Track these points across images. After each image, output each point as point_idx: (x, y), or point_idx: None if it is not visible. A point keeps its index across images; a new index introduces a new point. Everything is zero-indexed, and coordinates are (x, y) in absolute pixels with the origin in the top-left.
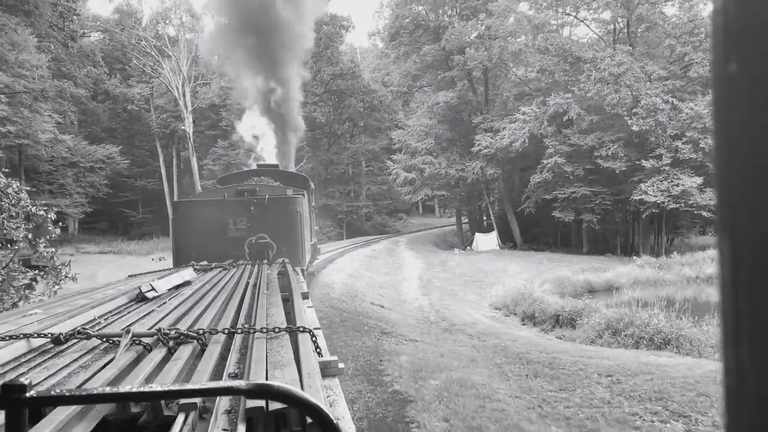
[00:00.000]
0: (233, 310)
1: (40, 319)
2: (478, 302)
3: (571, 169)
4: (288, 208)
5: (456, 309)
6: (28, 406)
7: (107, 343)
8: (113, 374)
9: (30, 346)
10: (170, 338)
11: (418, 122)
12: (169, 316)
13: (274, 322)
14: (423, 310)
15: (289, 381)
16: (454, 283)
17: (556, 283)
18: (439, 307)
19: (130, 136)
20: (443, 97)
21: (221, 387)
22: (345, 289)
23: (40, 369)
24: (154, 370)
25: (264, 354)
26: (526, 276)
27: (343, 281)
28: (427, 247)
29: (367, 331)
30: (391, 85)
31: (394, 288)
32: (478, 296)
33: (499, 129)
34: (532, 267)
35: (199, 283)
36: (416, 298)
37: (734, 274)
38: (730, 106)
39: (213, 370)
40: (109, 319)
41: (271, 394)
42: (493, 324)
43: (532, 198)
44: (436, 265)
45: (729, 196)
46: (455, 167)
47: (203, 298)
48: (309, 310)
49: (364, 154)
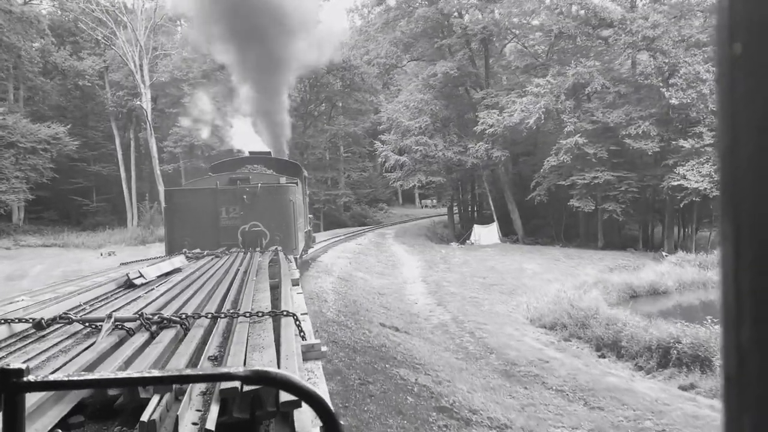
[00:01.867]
0: (220, 296)
1: (25, 305)
2: (510, 314)
3: (594, 150)
4: (281, 196)
5: (492, 329)
6: (27, 391)
7: (89, 328)
8: (92, 358)
9: (12, 331)
10: (153, 323)
11: (412, 97)
12: (155, 302)
13: (259, 307)
14: (449, 331)
15: (266, 363)
16: (468, 286)
17: (603, 289)
18: (469, 326)
19: (83, 116)
20: (441, 67)
21: (218, 373)
22: (341, 302)
23: (20, 353)
24: (134, 354)
25: (245, 337)
26: (549, 276)
27: (336, 288)
28: (419, 241)
29: (411, 404)
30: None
31: (398, 294)
32: (508, 306)
33: (506, 105)
34: (551, 265)
35: (189, 270)
36: (431, 311)
37: (736, 255)
38: (734, 87)
39: (193, 353)
40: (95, 305)
41: (269, 380)
42: (567, 360)
43: (543, 184)
44: (438, 262)
45: (731, 176)
46: (453, 149)
47: (192, 284)
48: (298, 296)
49: (344, 138)
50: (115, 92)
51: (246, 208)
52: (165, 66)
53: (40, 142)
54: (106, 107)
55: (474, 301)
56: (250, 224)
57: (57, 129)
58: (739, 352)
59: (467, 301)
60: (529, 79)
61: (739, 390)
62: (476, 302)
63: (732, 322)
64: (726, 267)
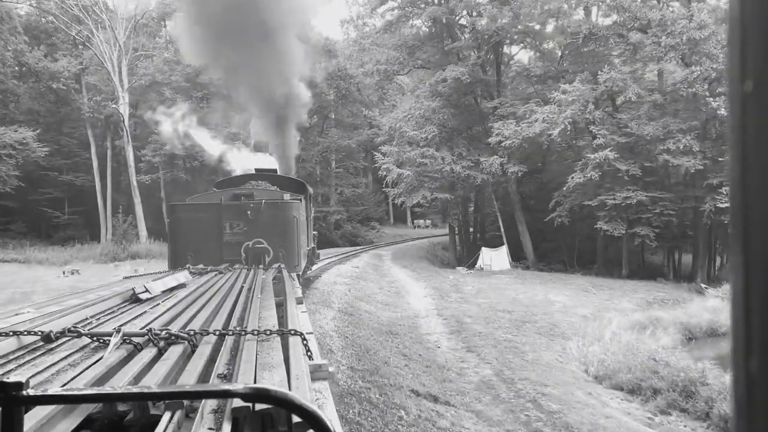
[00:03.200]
0: (226, 313)
1: (32, 318)
2: (564, 367)
3: (626, 167)
4: (284, 213)
5: (558, 393)
6: (26, 404)
7: (97, 342)
8: (101, 372)
9: (20, 344)
10: (161, 338)
11: (417, 105)
12: (161, 317)
13: (266, 324)
14: (500, 396)
15: (277, 383)
16: (495, 323)
17: (654, 329)
18: (524, 388)
19: (57, 122)
20: (452, 72)
21: (218, 390)
22: (351, 351)
23: (29, 366)
24: (142, 370)
25: (254, 356)
26: (583, 311)
27: (340, 328)
28: (421, 264)
29: None
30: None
31: (414, 334)
32: (553, 352)
33: (523, 115)
34: (580, 297)
35: (194, 285)
36: (462, 360)
37: (746, 285)
38: (745, 124)
39: (202, 370)
40: (101, 319)
41: (269, 398)
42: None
43: (565, 204)
44: (449, 291)
45: (742, 210)
46: (461, 164)
47: (197, 300)
48: (302, 315)
49: (336, 152)
50: (92, 96)
51: (249, 224)
52: (146, 68)
53: (4, 147)
54: (82, 113)
55: (511, 345)
56: (254, 241)
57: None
58: (748, 381)
59: (503, 346)
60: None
61: (749, 417)
62: (514, 347)
63: (742, 352)
64: (736, 298)
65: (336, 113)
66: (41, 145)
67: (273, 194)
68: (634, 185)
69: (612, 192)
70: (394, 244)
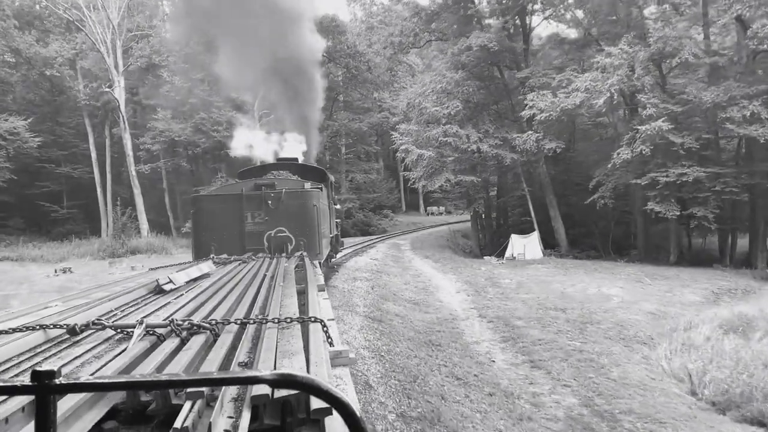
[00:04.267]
0: (248, 302)
1: (59, 311)
2: (663, 388)
3: (681, 140)
4: (304, 201)
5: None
6: (58, 392)
7: (121, 334)
8: (125, 363)
9: (47, 337)
10: (183, 329)
11: (438, 78)
12: (184, 308)
13: (287, 312)
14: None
15: (296, 369)
16: (552, 326)
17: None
18: (628, 425)
19: (52, 111)
20: (477, 39)
21: (245, 376)
22: (395, 383)
23: (55, 358)
24: (165, 360)
25: (274, 344)
26: (647, 306)
27: (372, 342)
28: (444, 255)
29: None
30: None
31: (458, 344)
32: (635, 363)
33: (560, 85)
34: (635, 289)
35: (217, 275)
36: (530, 381)
37: None
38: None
39: (223, 359)
40: (126, 311)
41: (295, 383)
42: None
43: (608, 184)
44: (484, 285)
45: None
46: (488, 142)
47: (220, 290)
48: (324, 301)
49: (347, 135)
50: (88, 83)
51: (271, 213)
52: (141, 50)
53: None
54: (78, 101)
55: (583, 357)
56: (275, 230)
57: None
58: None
59: (574, 358)
60: (582, 56)
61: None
62: (588, 360)
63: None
64: None
65: (345, 95)
66: (34, 135)
67: (294, 184)
68: (689, 160)
69: (664, 168)
70: (410, 232)
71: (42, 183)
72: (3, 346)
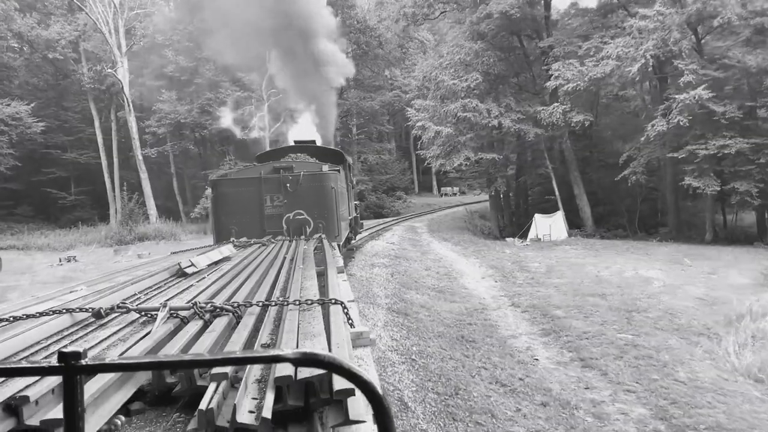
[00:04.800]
0: (269, 284)
1: (84, 295)
2: (744, 392)
3: (723, 108)
4: (322, 184)
5: None
6: (84, 373)
7: (145, 317)
8: (150, 345)
9: (73, 320)
10: (206, 311)
11: (459, 48)
12: (206, 291)
13: (308, 294)
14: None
15: (318, 350)
16: (596, 316)
17: None
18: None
19: (57, 96)
20: (497, 5)
21: (268, 355)
22: (440, 405)
23: (81, 341)
24: (189, 341)
25: (296, 325)
26: (694, 291)
27: (399, 342)
28: (463, 237)
29: None
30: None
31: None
32: (709, 363)
33: (588, 53)
34: (676, 271)
35: (238, 258)
36: (585, 384)
37: None
38: None
39: (246, 340)
40: (149, 294)
41: (317, 362)
42: None
43: (639, 159)
44: (511, 269)
45: None
46: (510, 116)
47: (241, 273)
48: (343, 283)
49: (358, 115)
50: (92, 66)
51: (289, 196)
52: (144, 29)
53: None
54: (82, 84)
55: (640, 353)
56: (294, 212)
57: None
58: None
59: (630, 355)
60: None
61: None
62: (647, 357)
63: None
64: None
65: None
66: (37, 120)
67: (312, 166)
68: (730, 131)
69: (703, 140)
70: (425, 214)
71: (48, 170)
72: (31, 330)
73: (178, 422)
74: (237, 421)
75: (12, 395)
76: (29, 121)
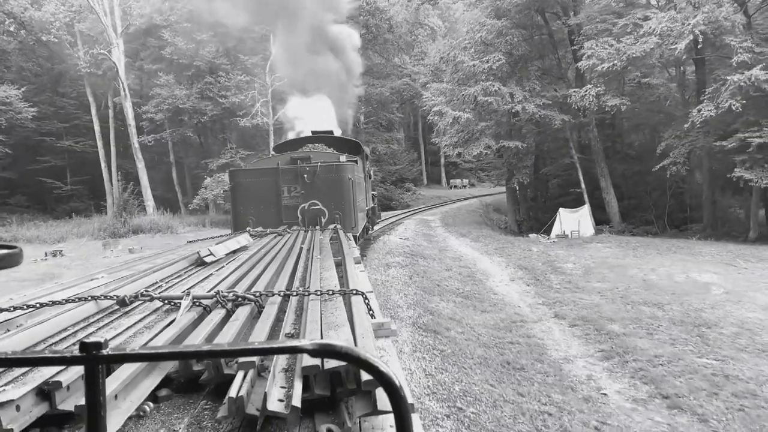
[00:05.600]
0: (288, 274)
1: (106, 282)
2: None
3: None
4: (339, 175)
5: None
6: (105, 363)
7: (169, 305)
8: (175, 333)
9: (98, 308)
10: (228, 300)
11: (480, 27)
12: (226, 280)
13: (328, 285)
14: None
15: (343, 341)
16: (660, 334)
17: None
18: None
19: (52, 81)
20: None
21: (288, 346)
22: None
23: (108, 329)
24: (214, 330)
25: (318, 315)
26: (765, 300)
27: (438, 378)
28: (482, 233)
29: None
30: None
31: (545, 363)
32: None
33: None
34: (732, 274)
35: (255, 248)
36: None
37: None
38: None
39: (270, 330)
40: (170, 283)
41: (334, 353)
42: None
43: (681, 148)
44: (543, 270)
45: None
46: (535, 101)
47: (259, 262)
48: (361, 274)
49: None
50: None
51: (306, 186)
52: (141, 8)
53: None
54: (78, 68)
55: (733, 385)
56: (309, 203)
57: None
58: None
59: (725, 390)
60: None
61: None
62: (747, 391)
63: None
64: None
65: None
66: (29, 105)
67: (329, 157)
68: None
69: (757, 127)
70: (435, 207)
71: (43, 158)
72: (58, 317)
73: (206, 409)
74: (268, 409)
75: (45, 380)
76: (20, 106)
